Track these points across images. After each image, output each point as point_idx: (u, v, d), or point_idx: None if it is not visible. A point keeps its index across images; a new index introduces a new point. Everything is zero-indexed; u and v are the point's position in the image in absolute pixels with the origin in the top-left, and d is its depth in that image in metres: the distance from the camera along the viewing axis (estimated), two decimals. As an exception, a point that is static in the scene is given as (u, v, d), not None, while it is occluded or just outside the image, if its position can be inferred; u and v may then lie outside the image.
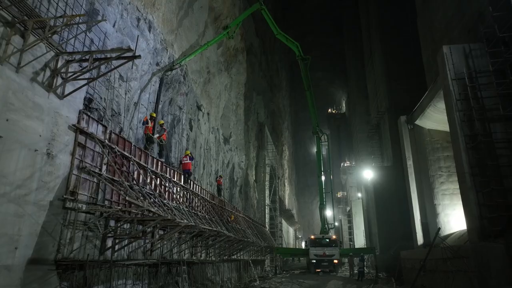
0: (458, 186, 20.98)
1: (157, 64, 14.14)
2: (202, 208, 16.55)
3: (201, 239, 15.27)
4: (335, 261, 27.91)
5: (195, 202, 15.58)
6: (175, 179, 13.62)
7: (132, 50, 7.26)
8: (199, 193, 16.39)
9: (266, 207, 39.79)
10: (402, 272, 21.76)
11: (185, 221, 10.42)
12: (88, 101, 9.72)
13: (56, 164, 7.30)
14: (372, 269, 29.62)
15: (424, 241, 20.86)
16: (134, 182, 9.76)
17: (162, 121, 13.16)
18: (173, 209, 10.85)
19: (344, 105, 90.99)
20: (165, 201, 11.50)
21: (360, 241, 47.27)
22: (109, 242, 9.05)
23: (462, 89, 14.73)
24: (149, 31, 13.13)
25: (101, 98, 10.36)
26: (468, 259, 12.57)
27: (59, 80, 7.44)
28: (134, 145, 10.57)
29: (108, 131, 9.32)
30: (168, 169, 12.99)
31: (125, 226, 9.86)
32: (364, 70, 51.46)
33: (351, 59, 63.91)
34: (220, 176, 21.66)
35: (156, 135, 12.39)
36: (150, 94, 14.06)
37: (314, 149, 79.32)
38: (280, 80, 66.44)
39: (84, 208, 7.90)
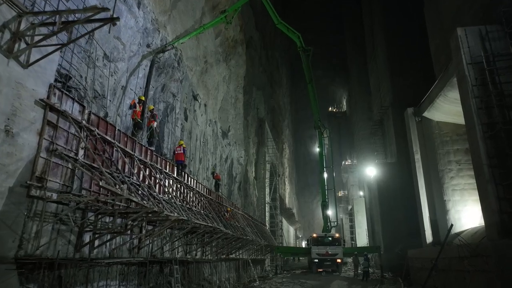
0: (469, 181, 19.99)
1: (148, 46, 13.01)
2: (198, 203, 15.43)
3: (196, 236, 14.14)
4: (338, 260, 26.79)
5: (189, 196, 14.46)
6: (167, 171, 12.49)
7: (109, 10, 6.12)
8: (195, 187, 15.26)
9: (266, 205, 38.66)
10: (410, 272, 20.65)
11: (176, 214, 9.29)
12: (65, 78, 8.60)
13: (18, 144, 6.17)
14: (377, 269, 28.52)
15: (434, 239, 19.76)
16: (117, 170, 8.63)
17: (152, 106, 12.03)
18: (163, 201, 9.73)
19: (344, 103, 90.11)
20: (154, 194, 10.39)
21: (362, 240, 46.19)
22: (87, 238, 7.92)
23: (479, 74, 13.63)
24: (138, 7, 11.99)
25: (81, 76, 9.24)
26: (488, 257, 11.46)
27: (23, 46, 6.31)
28: (118, 129, 9.43)
29: (86, 112, 8.18)
30: (159, 159, 11.85)
31: (107, 219, 8.74)
32: (366, 66, 50.54)
33: (353, 55, 62.90)
34: (214, 172, 20.48)
35: (155, 124, 11.26)
36: (140, 79, 12.93)
37: (315, 148, 78.82)
38: (281, 77, 65.36)
39: (54, 197, 6.77)
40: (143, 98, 11.24)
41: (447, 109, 19.47)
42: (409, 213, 27.06)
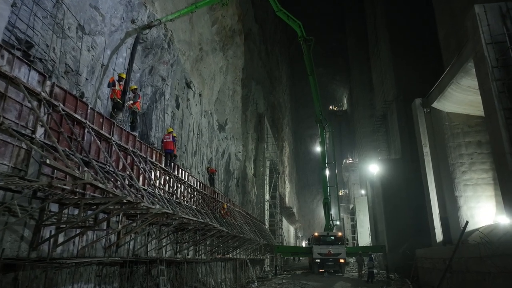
0: (482, 176, 18.67)
1: (133, 22, 11.70)
2: (190, 198, 14.12)
3: (187, 234, 12.84)
4: (341, 260, 25.44)
5: (180, 190, 13.15)
6: (154, 160, 11.17)
7: None
8: (186, 180, 13.94)
9: (266, 203, 37.32)
10: (418, 273, 19.32)
11: (158, 206, 7.98)
12: (26, 45, 7.30)
13: None
14: (381, 269, 27.22)
15: (444, 238, 18.45)
16: (86, 155, 7.31)
17: (134, 86, 10.70)
18: (143, 192, 8.42)
19: (345, 102, 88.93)
20: (136, 185, 9.08)
21: (364, 239, 44.91)
22: (48, 233, 6.61)
23: (500, 55, 12.31)
24: (120, -25, 10.69)
25: (47, 46, 7.93)
26: (515, 257, 10.15)
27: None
28: (91, 108, 8.12)
29: (49, 83, 6.87)
30: (143, 146, 10.54)
31: (76, 212, 7.42)
32: (368, 62, 49.40)
33: (354, 51, 61.64)
34: (209, 168, 19.20)
35: (130, 102, 9.92)
36: (124, 59, 11.63)
37: (315, 148, 77.30)
38: (281, 74, 64.14)
39: (-3, 182, 5.46)
40: (123, 76, 9.91)
41: (459, 98, 18.17)
42: (415, 211, 25.81)
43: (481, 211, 17.84)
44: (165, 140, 12.12)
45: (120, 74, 9.98)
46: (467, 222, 14.34)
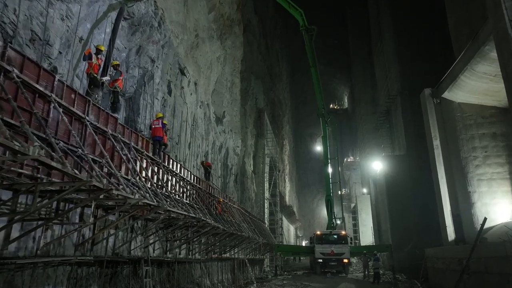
0: (497, 170, 17.44)
1: (117, -7, 10.48)
2: (182, 193, 12.91)
3: (178, 230, 11.62)
4: (345, 260, 24.17)
5: (171, 183, 11.93)
6: (139, 147, 9.94)
7: None
8: (178, 172, 12.72)
9: (266, 201, 36.08)
10: (428, 273, 18.11)
11: (137, 196, 6.74)
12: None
13: None
14: (386, 270, 26.00)
15: (457, 236, 17.25)
16: (45, 132, 6.08)
17: (116, 62, 9.47)
18: (123, 180, 7.19)
19: (346, 100, 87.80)
20: (118, 175, 7.84)
21: (367, 239, 43.69)
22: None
23: (526, 32, 11.10)
24: None
25: (5, 5, 6.70)
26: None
27: None
28: (60, 80, 6.89)
29: (1, 44, 5.64)
30: (126, 130, 9.30)
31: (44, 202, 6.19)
32: (371, 58, 48.23)
33: (356, 47, 60.43)
34: (204, 161, 17.96)
35: (107, 78, 8.68)
36: (108, 35, 10.40)
37: (315, 147, 75.89)
38: (281, 70, 62.94)
39: None
40: (102, 48, 8.66)
41: (473, 86, 16.95)
42: (421, 209, 24.67)
43: (497, 207, 16.64)
44: (153, 126, 10.88)
45: (97, 46, 8.73)
46: (485, 219, 13.10)
